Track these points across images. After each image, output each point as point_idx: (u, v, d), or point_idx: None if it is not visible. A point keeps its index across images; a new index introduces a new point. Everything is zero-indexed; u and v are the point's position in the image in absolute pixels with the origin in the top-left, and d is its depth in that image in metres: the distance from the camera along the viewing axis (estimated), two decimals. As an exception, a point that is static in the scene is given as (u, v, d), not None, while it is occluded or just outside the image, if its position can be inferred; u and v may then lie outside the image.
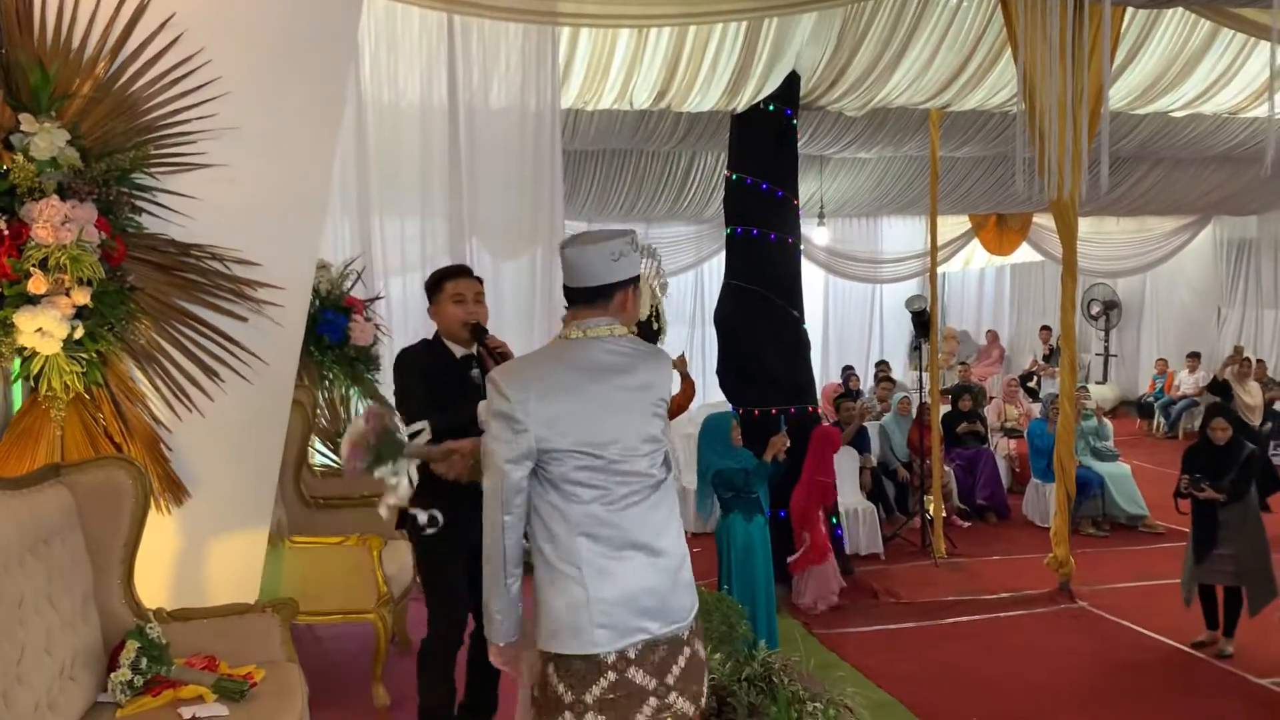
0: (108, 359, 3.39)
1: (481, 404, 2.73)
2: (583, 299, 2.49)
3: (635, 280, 2.55)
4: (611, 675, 2.35)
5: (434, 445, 3.12)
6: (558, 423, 2.38)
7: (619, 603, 2.37)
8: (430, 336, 3.70)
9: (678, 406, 6.30)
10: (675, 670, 2.43)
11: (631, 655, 2.38)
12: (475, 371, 3.51)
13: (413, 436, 3.03)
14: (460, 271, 3.68)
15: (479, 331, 3.50)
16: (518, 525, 2.43)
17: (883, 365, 13.91)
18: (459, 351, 3.57)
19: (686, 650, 2.46)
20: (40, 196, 3.13)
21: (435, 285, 3.63)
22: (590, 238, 2.50)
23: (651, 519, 2.46)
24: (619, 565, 2.39)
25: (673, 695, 2.41)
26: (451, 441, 3.09)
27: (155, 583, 3.47)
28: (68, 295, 3.16)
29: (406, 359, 3.58)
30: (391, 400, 4.89)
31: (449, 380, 3.47)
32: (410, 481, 3.12)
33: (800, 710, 4.34)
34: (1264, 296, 14.45)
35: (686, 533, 8.09)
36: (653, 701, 2.39)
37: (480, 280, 3.68)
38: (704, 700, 2.52)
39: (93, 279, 3.19)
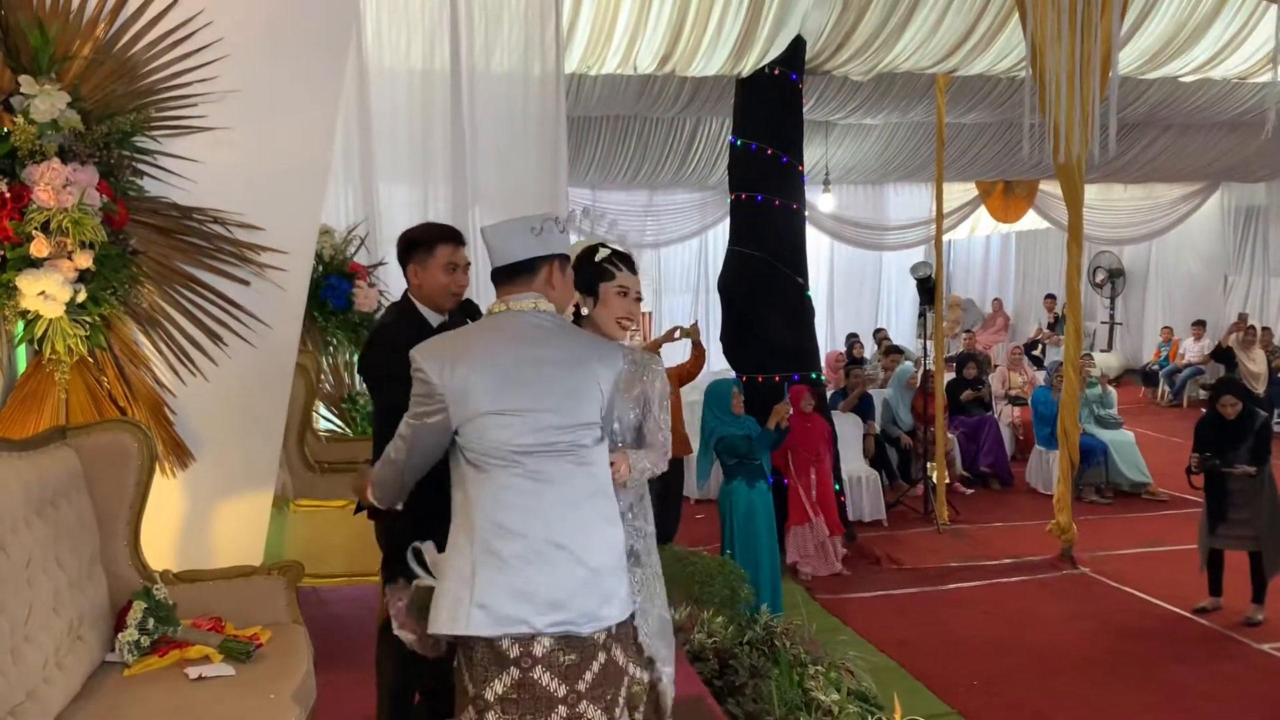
0: (111, 322, 3.38)
1: None
2: (504, 276, 2.44)
3: (562, 258, 2.48)
4: (515, 673, 2.24)
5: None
6: (473, 393, 2.30)
7: (504, 588, 2.24)
8: (398, 300, 3.35)
9: (686, 374, 6.31)
10: (588, 677, 2.29)
11: (538, 654, 2.25)
12: None
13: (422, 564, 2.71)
14: (456, 237, 3.26)
15: (471, 308, 3.34)
16: (419, 473, 2.47)
17: (880, 332, 13.90)
18: (435, 319, 3.20)
19: (601, 656, 2.32)
20: (41, 159, 3.11)
21: (426, 245, 3.19)
22: (510, 218, 2.49)
23: (570, 507, 2.33)
24: (518, 547, 2.26)
25: (584, 704, 2.28)
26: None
27: (161, 545, 3.48)
28: (70, 259, 3.14)
29: (388, 339, 3.13)
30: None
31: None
32: None
33: (802, 673, 4.38)
34: (1271, 264, 14.39)
35: (688, 499, 8.19)
36: (562, 710, 2.25)
37: None
38: (619, 710, 2.37)
39: (95, 242, 3.17)
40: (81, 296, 3.21)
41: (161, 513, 3.44)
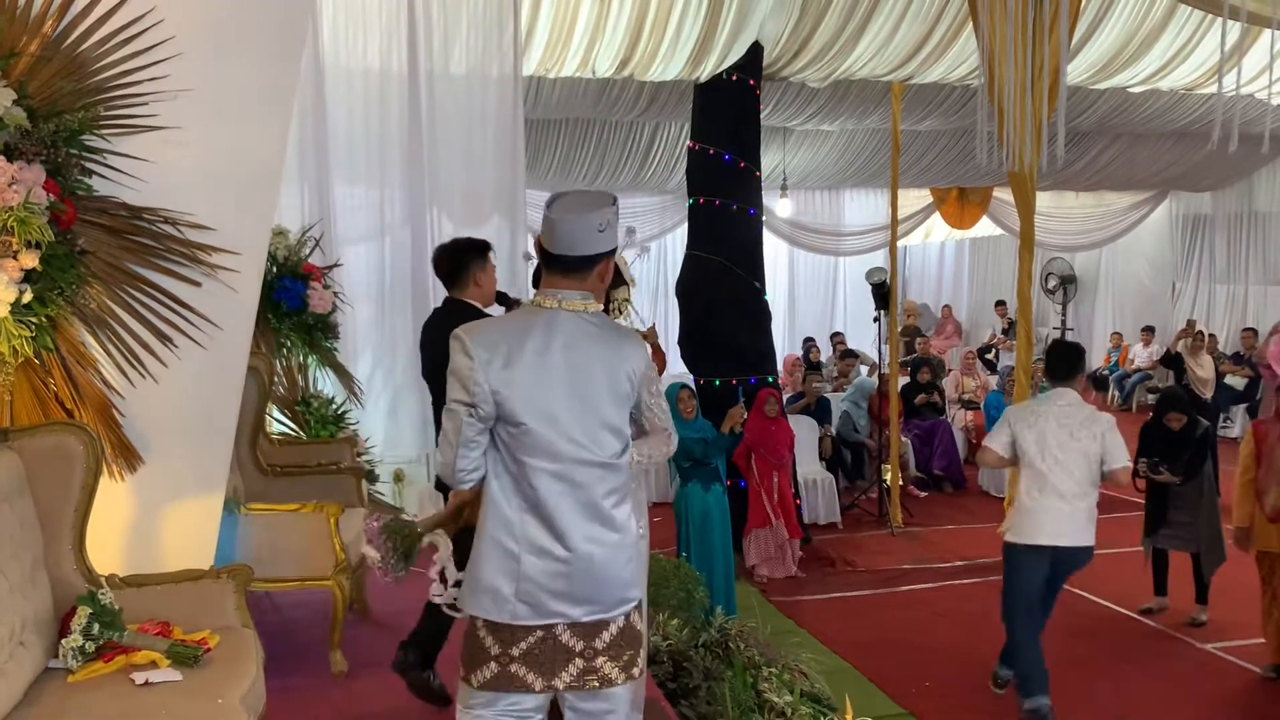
0: (58, 323, 3.32)
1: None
2: (562, 267, 2.39)
3: (613, 252, 2.47)
4: (539, 633, 2.34)
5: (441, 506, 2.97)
6: (518, 392, 2.30)
7: (546, 586, 2.32)
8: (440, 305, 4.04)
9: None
10: (605, 636, 2.38)
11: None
12: None
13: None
14: (487, 244, 4.05)
15: (507, 298, 4.06)
16: (473, 475, 2.38)
17: (838, 336, 14.01)
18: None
19: (620, 620, 2.41)
20: (-14, 157, 3.07)
21: (481, 251, 3.98)
22: (579, 203, 2.37)
23: (601, 506, 2.38)
24: (556, 548, 2.33)
25: (600, 660, 2.37)
26: (454, 497, 2.88)
27: (110, 549, 3.42)
28: (15, 258, 3.09)
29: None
30: (355, 370, 5.92)
31: None
32: (449, 544, 2.88)
33: (756, 675, 4.40)
34: (1217, 272, 14.69)
35: (649, 502, 8.24)
36: (579, 663, 2.35)
37: None
38: (637, 670, 2.45)
39: (41, 242, 3.12)
40: (27, 297, 3.16)
41: (110, 516, 3.39)
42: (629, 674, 2.42)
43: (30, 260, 3.11)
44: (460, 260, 3.94)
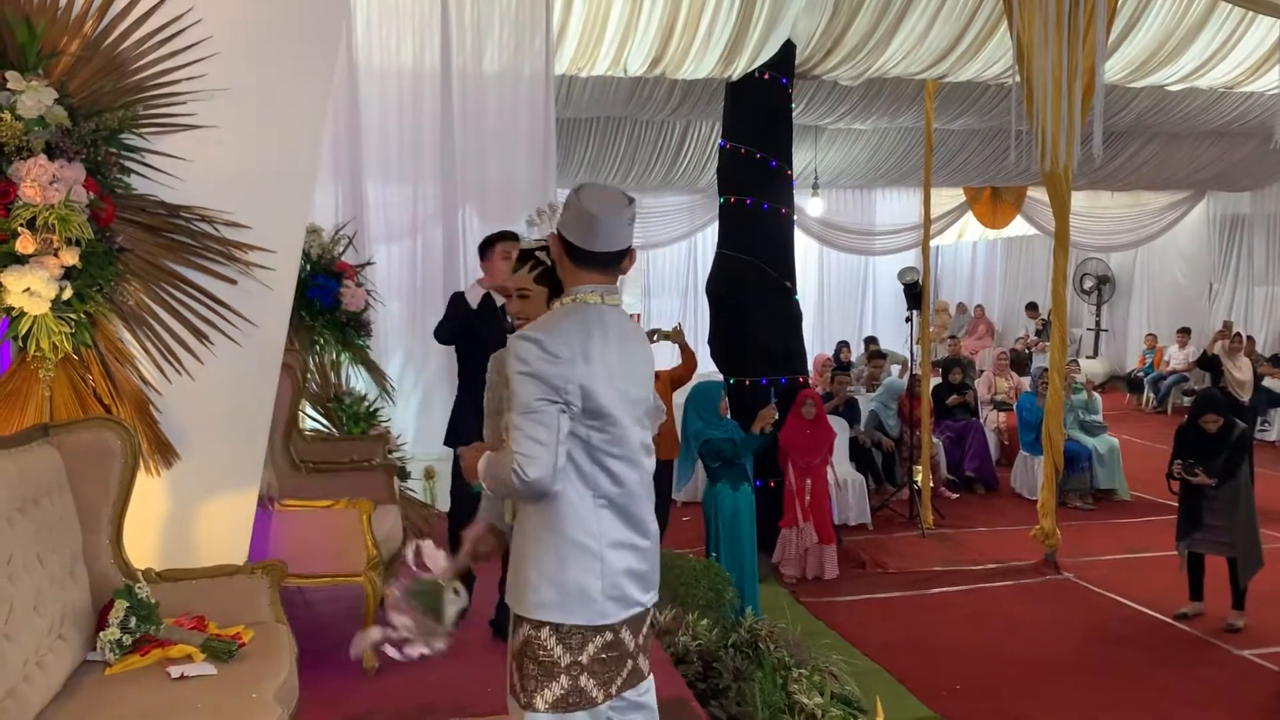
0: (96, 320, 3.37)
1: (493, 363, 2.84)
2: (601, 264, 2.36)
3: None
4: (609, 635, 2.33)
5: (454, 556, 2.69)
6: (600, 385, 2.30)
7: (627, 576, 2.35)
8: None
9: (678, 378, 6.31)
10: (643, 630, 2.43)
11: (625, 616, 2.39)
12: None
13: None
14: (509, 235, 4.65)
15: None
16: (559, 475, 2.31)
17: (872, 340, 13.94)
18: (499, 299, 4.58)
19: (651, 612, 2.49)
20: (28, 155, 3.09)
21: (489, 245, 4.66)
22: (612, 198, 2.35)
23: (648, 492, 2.46)
24: (632, 537, 2.37)
25: (640, 656, 2.41)
26: (466, 534, 2.73)
27: (145, 543, 3.46)
28: (56, 255, 3.13)
29: (457, 298, 4.77)
30: (386, 368, 6.37)
31: (489, 316, 4.60)
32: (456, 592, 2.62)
33: (785, 676, 4.39)
34: (1255, 273, 14.47)
35: (676, 502, 8.25)
36: (629, 664, 2.37)
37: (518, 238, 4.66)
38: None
39: (81, 239, 3.16)
40: (67, 294, 3.20)
41: (146, 511, 3.43)
42: (648, 665, 2.48)
43: (70, 257, 3.15)
44: (482, 252, 4.70)
